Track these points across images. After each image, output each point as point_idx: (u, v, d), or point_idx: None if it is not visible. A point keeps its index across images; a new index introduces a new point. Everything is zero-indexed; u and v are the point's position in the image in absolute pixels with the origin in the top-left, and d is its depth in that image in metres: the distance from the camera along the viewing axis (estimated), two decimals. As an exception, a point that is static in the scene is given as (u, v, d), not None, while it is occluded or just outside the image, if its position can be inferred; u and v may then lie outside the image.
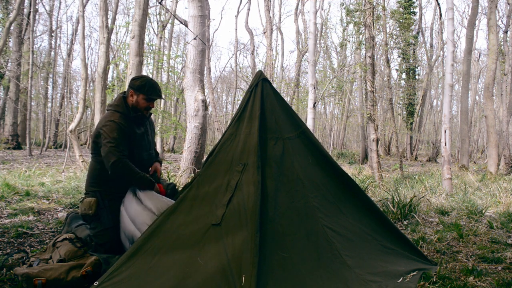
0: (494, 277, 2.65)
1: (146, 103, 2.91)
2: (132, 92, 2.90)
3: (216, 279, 2.06)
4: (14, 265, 2.61)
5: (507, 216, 4.67)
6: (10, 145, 16.16)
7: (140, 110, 2.92)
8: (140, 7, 6.08)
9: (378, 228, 2.78)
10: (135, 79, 2.95)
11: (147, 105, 2.92)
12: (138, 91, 2.88)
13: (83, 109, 9.77)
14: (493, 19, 11.72)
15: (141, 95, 2.88)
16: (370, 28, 8.71)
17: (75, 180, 6.97)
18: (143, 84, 2.89)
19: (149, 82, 2.93)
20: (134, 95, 2.89)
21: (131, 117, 2.87)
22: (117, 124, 2.75)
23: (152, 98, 2.92)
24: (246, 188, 2.34)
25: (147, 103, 2.91)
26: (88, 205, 2.78)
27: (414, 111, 20.75)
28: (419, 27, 21.71)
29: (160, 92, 2.98)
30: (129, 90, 2.93)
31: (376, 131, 8.68)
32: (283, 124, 2.70)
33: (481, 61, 27.48)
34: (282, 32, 37.36)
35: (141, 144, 2.92)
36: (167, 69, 17.41)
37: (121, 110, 2.86)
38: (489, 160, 11.56)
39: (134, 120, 2.90)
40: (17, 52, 16.28)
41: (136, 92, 2.89)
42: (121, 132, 2.75)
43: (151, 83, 2.93)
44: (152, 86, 2.91)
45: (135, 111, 2.90)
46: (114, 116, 2.81)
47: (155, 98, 2.94)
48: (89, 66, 24.90)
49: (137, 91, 2.88)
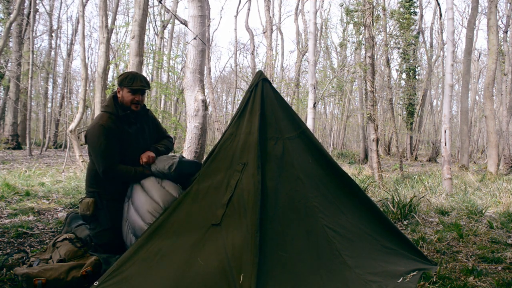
0: (494, 277, 2.65)
1: (131, 96, 2.83)
2: (118, 89, 2.88)
3: (216, 279, 2.06)
4: (14, 265, 2.61)
5: (507, 216, 4.67)
6: (10, 145, 16.15)
7: (128, 107, 2.85)
8: (140, 7, 6.08)
9: (378, 228, 2.78)
10: (119, 76, 2.93)
11: (132, 98, 2.83)
12: (121, 85, 2.84)
13: (83, 109, 9.77)
14: (493, 19, 11.71)
15: (125, 89, 2.83)
16: (370, 28, 8.71)
17: (75, 180, 6.97)
18: (125, 77, 2.85)
19: (130, 74, 2.88)
20: (120, 91, 2.86)
21: (120, 116, 2.82)
22: (104, 129, 2.71)
23: (134, 89, 2.83)
24: (246, 188, 2.34)
25: (132, 96, 2.83)
26: (86, 205, 2.78)
27: (414, 111, 20.74)
28: (419, 27, 21.71)
29: (143, 82, 2.87)
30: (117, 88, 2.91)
31: (376, 131, 8.67)
32: (283, 124, 2.70)
33: (481, 61, 27.48)
34: (282, 32, 37.38)
35: (135, 144, 2.87)
36: (167, 69, 17.41)
37: (110, 110, 2.82)
38: (489, 160, 11.55)
39: (124, 119, 2.84)
40: (17, 52, 16.28)
41: (120, 87, 2.85)
42: (108, 137, 2.70)
43: (132, 74, 2.88)
44: (133, 77, 2.85)
45: (123, 109, 2.85)
46: (103, 119, 2.77)
47: (138, 88, 2.84)
48: (89, 66, 24.89)
49: (120, 86, 2.85)
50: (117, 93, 2.89)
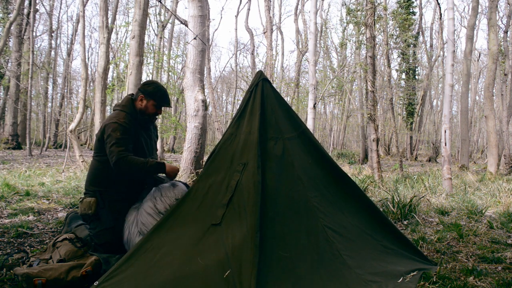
0: (494, 277, 2.65)
1: (155, 110, 2.94)
2: (142, 96, 2.92)
3: (216, 279, 2.06)
4: (14, 265, 2.60)
5: (507, 216, 4.67)
6: (10, 145, 16.16)
7: (147, 115, 2.94)
8: (140, 7, 6.08)
9: (378, 228, 2.78)
10: (147, 85, 2.97)
11: (155, 112, 2.95)
12: (149, 97, 2.90)
13: (83, 109, 9.77)
14: (493, 19, 11.72)
15: (151, 101, 2.90)
16: (371, 28, 8.71)
17: (75, 180, 6.97)
18: (156, 91, 2.92)
19: (161, 90, 2.96)
20: (144, 100, 2.91)
21: (137, 120, 2.89)
22: (121, 125, 2.76)
23: (161, 105, 2.97)
24: (246, 188, 2.34)
25: (155, 110, 2.95)
26: (88, 205, 2.77)
27: (414, 111, 20.76)
28: (419, 27, 21.71)
29: (169, 101, 3.03)
30: (138, 94, 2.94)
31: (376, 131, 8.67)
32: (283, 124, 2.70)
33: (481, 61, 27.49)
34: (282, 32, 37.37)
35: (143, 148, 2.92)
36: (167, 69, 17.41)
37: (128, 111, 2.87)
38: (489, 160, 11.55)
39: (140, 123, 2.92)
40: (17, 52, 16.28)
41: (146, 97, 2.91)
42: (125, 132, 2.75)
43: (163, 91, 2.97)
44: (164, 94, 2.95)
45: (142, 114, 2.93)
46: (120, 116, 2.81)
47: (165, 106, 2.98)
48: (89, 66, 24.90)
49: (148, 97, 2.90)
50: (138, 100, 2.93)
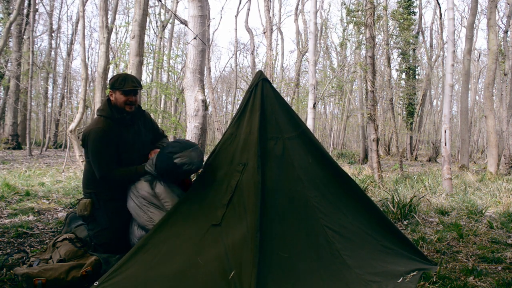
0: (494, 277, 2.65)
1: (124, 97, 2.81)
2: (111, 92, 2.86)
3: (216, 279, 2.06)
4: (14, 265, 2.61)
5: (507, 216, 4.67)
6: (10, 145, 16.15)
7: (123, 109, 2.83)
8: (140, 7, 6.08)
9: (378, 228, 2.78)
10: (110, 79, 2.92)
11: (125, 99, 2.82)
12: (113, 88, 2.83)
13: (83, 109, 9.76)
14: (493, 19, 11.71)
15: (117, 91, 2.82)
16: (371, 28, 8.71)
17: (75, 180, 6.97)
18: (116, 79, 2.84)
19: (121, 76, 2.88)
20: (113, 94, 2.85)
21: (116, 120, 2.81)
22: (100, 133, 2.71)
23: (127, 90, 2.81)
24: (246, 188, 2.34)
25: (125, 97, 2.82)
26: (84, 206, 2.78)
27: (414, 111, 20.74)
28: (419, 27, 21.69)
29: (135, 82, 2.85)
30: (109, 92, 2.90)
31: (376, 131, 8.67)
32: (283, 124, 2.70)
33: (481, 61, 27.47)
34: (282, 32, 37.36)
35: (131, 147, 2.85)
36: (167, 69, 17.40)
37: (106, 114, 2.81)
38: (489, 160, 11.54)
39: (121, 122, 2.83)
40: (17, 52, 16.27)
41: (112, 90, 2.84)
42: (104, 142, 2.70)
43: (123, 76, 2.87)
44: (124, 78, 2.84)
45: (118, 111, 2.83)
46: (99, 123, 2.77)
47: (130, 89, 2.82)
48: (89, 66, 24.87)
49: (113, 88, 2.83)
50: (110, 97, 2.87)
